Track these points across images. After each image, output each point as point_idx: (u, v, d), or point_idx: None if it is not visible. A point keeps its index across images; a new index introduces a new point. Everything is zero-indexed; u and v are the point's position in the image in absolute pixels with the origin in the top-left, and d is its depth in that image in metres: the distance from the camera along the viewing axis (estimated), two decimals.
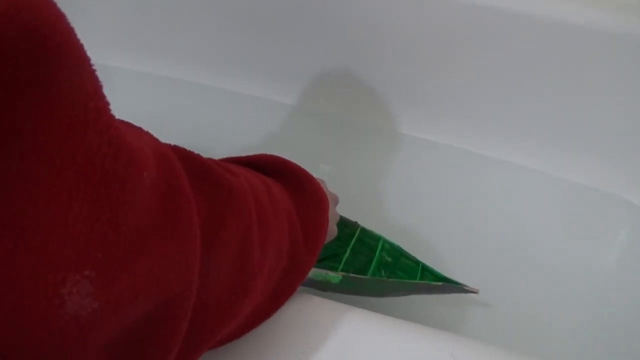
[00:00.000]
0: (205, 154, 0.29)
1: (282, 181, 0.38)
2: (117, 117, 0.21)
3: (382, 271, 0.54)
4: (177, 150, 0.26)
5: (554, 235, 0.64)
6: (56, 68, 0.16)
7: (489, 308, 0.58)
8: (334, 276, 0.47)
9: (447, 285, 0.51)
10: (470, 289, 0.51)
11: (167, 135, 0.27)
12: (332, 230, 0.44)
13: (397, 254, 0.54)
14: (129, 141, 0.20)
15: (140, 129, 0.25)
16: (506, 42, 0.62)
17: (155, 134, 0.25)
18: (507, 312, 0.57)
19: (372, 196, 0.68)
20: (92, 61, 0.18)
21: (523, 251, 0.62)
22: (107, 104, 0.19)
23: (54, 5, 0.17)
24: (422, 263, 0.53)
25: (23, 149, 0.16)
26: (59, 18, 0.17)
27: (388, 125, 0.75)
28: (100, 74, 0.19)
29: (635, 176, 0.66)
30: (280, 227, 0.33)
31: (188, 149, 0.27)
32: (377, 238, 0.54)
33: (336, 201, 0.47)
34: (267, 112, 0.79)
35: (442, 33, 0.64)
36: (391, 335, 0.34)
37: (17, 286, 0.16)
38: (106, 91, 0.19)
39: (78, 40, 0.18)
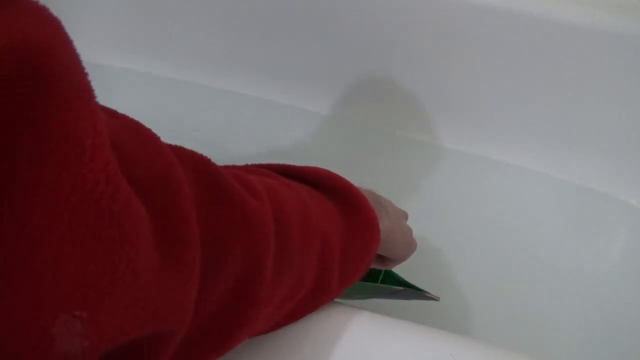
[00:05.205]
0: (204, 154, 0.28)
1: (339, 206, 0.35)
2: None
3: None
4: (200, 164, 0.24)
5: (555, 236, 0.64)
6: (52, 105, 0.16)
7: (489, 308, 0.57)
8: None
9: (409, 290, 0.49)
10: (431, 296, 0.48)
11: (167, 135, 0.27)
12: (410, 243, 0.43)
13: None
14: None
15: (157, 146, 0.23)
16: (507, 44, 0.62)
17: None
18: (508, 312, 0.57)
19: None
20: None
21: (524, 252, 0.62)
22: (106, 140, 0.18)
23: (58, 32, 0.17)
24: None
25: (14, 188, 0.15)
26: (61, 50, 0.16)
27: (387, 127, 0.75)
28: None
29: (636, 177, 0.66)
30: (309, 257, 0.31)
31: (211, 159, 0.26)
32: None
33: (405, 216, 0.45)
34: (267, 112, 0.78)
35: (445, 35, 0.64)
36: (391, 335, 0.34)
37: (6, 326, 0.16)
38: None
39: (82, 70, 0.17)
